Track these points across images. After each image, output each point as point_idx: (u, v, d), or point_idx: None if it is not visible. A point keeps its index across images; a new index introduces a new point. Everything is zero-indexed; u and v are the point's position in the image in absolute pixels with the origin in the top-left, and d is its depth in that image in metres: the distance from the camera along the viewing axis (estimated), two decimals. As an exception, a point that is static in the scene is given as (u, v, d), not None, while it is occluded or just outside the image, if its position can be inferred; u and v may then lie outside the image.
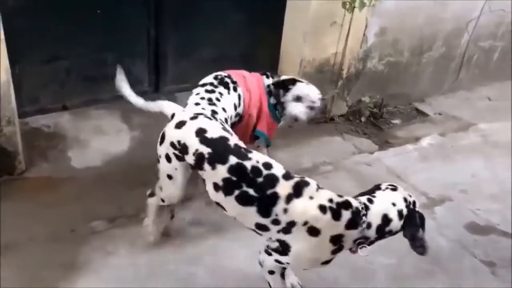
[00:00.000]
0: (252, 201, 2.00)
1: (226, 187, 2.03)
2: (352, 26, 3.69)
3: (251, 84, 2.88)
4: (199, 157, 2.11)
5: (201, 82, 2.81)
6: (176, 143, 2.20)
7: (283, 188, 2.02)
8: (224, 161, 2.05)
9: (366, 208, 2.03)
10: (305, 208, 1.99)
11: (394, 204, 2.07)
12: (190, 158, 2.16)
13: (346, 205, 2.02)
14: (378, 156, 3.79)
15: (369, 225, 2.02)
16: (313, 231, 1.98)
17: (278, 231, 2.02)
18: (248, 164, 2.04)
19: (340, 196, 2.07)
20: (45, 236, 2.74)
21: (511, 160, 3.81)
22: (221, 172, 2.03)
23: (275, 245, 2.09)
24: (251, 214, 2.02)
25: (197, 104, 2.58)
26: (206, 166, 2.08)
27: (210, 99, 2.61)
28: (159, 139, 2.32)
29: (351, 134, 4.07)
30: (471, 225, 3.21)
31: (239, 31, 3.99)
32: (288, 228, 2.00)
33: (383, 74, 4.29)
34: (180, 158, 2.22)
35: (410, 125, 4.34)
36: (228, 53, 3.96)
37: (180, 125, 2.23)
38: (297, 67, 3.84)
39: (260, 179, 2.01)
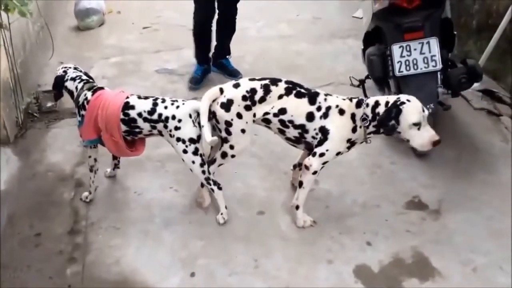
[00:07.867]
0: (304, 95, 2.95)
1: (287, 91, 2.95)
2: None
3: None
4: (266, 86, 2.96)
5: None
6: (246, 93, 2.93)
7: (321, 91, 3.00)
8: (279, 80, 3.01)
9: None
10: (336, 99, 2.96)
11: (386, 99, 2.86)
12: (259, 94, 2.95)
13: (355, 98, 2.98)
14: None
15: (367, 105, 2.89)
16: (341, 111, 2.90)
17: (320, 117, 2.91)
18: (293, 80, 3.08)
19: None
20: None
21: None
22: (282, 85, 2.97)
23: (318, 138, 2.94)
24: (304, 104, 2.93)
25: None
26: (272, 87, 2.96)
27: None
28: (224, 109, 2.92)
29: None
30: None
31: None
32: (326, 112, 2.90)
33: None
34: (249, 107, 2.95)
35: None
36: None
37: (236, 85, 2.97)
38: None
39: (305, 86, 3.01)
